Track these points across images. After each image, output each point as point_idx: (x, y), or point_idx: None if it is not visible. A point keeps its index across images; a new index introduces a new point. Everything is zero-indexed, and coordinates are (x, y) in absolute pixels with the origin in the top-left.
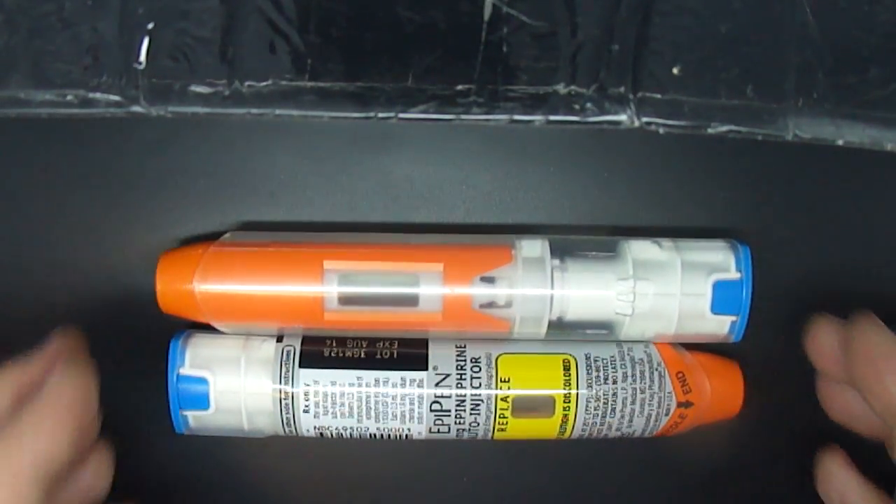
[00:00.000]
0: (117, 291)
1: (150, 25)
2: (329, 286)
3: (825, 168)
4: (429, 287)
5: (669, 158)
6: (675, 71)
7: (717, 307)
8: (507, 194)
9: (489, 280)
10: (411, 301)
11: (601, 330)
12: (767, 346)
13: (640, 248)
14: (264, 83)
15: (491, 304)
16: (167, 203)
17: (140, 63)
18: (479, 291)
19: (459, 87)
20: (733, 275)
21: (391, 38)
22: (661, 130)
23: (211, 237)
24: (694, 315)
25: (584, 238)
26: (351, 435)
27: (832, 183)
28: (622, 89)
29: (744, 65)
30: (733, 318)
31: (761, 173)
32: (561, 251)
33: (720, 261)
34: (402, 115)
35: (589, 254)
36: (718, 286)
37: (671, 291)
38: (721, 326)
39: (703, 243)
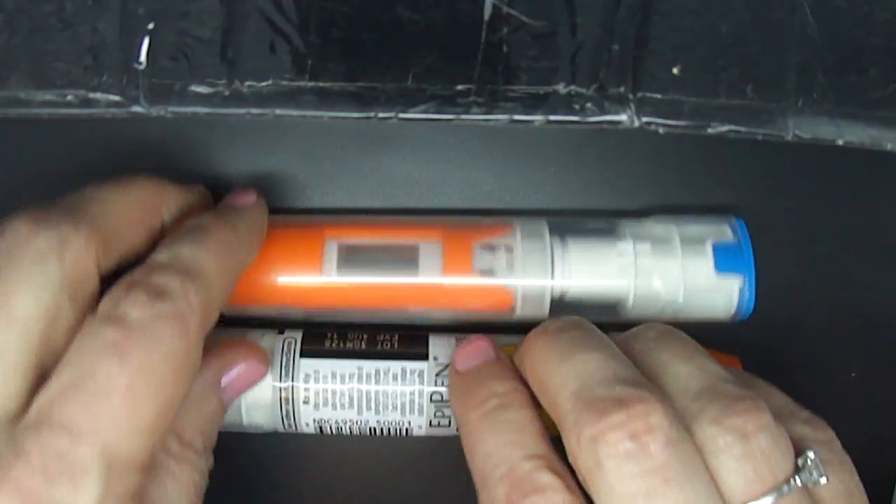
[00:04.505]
0: None
1: (151, 25)
2: (329, 255)
3: (825, 167)
4: (428, 254)
5: (670, 158)
6: (675, 71)
7: (721, 266)
8: (507, 194)
9: (489, 247)
10: (412, 265)
11: (606, 307)
12: (767, 345)
13: (638, 224)
14: (264, 83)
15: (491, 271)
16: None
17: (140, 63)
18: (479, 256)
19: (459, 87)
20: (731, 238)
21: (391, 38)
22: (661, 130)
23: None
24: (699, 280)
25: (584, 221)
26: (351, 430)
27: (832, 183)
28: (622, 89)
29: (744, 65)
30: (739, 282)
31: (762, 173)
32: (560, 230)
33: (717, 228)
34: (402, 115)
35: (588, 229)
36: (718, 249)
37: (672, 271)
38: (729, 300)
39: (701, 219)
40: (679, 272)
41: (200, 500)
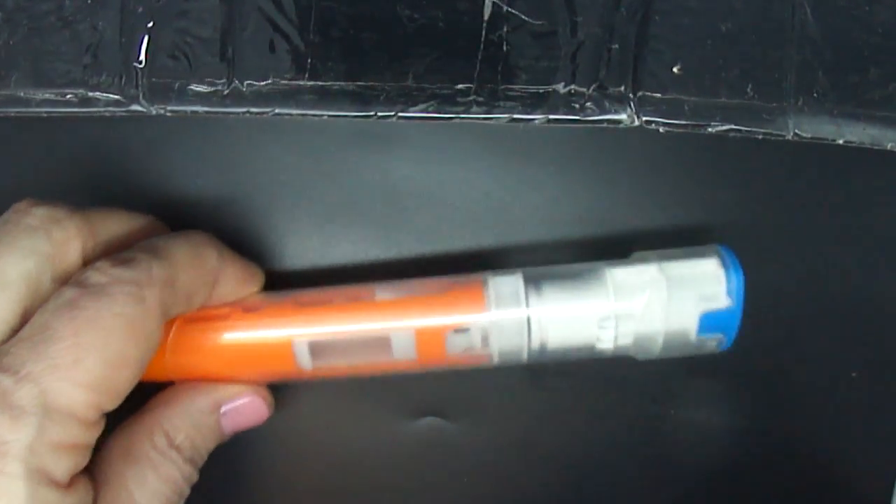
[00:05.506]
0: None
1: (150, 24)
2: (300, 354)
3: (826, 167)
4: (401, 344)
5: (670, 158)
6: (675, 70)
7: (703, 331)
8: (507, 194)
9: (463, 331)
10: (385, 355)
11: (581, 357)
12: (767, 345)
13: (623, 277)
14: (264, 82)
15: (467, 349)
16: (167, 203)
17: (140, 62)
18: (453, 342)
19: (459, 86)
20: (723, 302)
21: (391, 37)
22: (662, 129)
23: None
24: (678, 339)
25: (562, 268)
26: None
27: (833, 183)
28: (622, 88)
29: (744, 64)
30: (720, 337)
31: (762, 171)
32: (536, 283)
33: (708, 285)
34: (402, 115)
35: (568, 287)
36: (706, 317)
37: (655, 328)
38: (706, 346)
39: (691, 264)
40: (660, 342)
41: (180, 501)
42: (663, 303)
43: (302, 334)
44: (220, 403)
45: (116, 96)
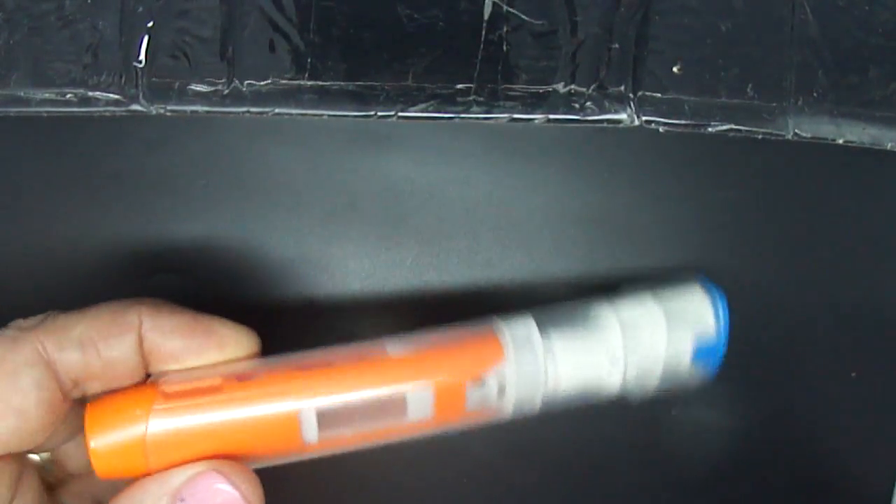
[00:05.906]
0: (115, 292)
1: (150, 24)
2: (307, 424)
3: (825, 167)
4: (418, 401)
5: (670, 158)
6: (675, 70)
7: (695, 358)
8: (507, 194)
9: (481, 382)
10: (399, 414)
11: (585, 400)
12: (767, 345)
13: (627, 314)
14: (264, 82)
15: (483, 401)
16: (166, 202)
17: (140, 61)
18: (473, 395)
19: (459, 86)
20: (712, 331)
21: (391, 36)
22: (662, 129)
23: (208, 237)
24: (673, 369)
25: (564, 308)
26: None
27: (832, 182)
28: (622, 88)
29: (744, 64)
30: (706, 368)
31: (761, 171)
32: (544, 326)
33: (700, 316)
34: (401, 114)
35: (578, 327)
36: (699, 346)
37: (656, 359)
38: (694, 376)
39: (682, 297)
40: (659, 372)
41: None
42: (664, 334)
43: (309, 400)
44: (178, 490)
45: (116, 96)
